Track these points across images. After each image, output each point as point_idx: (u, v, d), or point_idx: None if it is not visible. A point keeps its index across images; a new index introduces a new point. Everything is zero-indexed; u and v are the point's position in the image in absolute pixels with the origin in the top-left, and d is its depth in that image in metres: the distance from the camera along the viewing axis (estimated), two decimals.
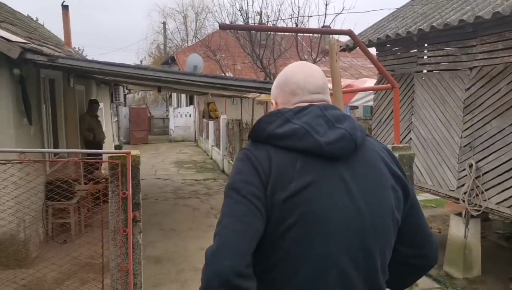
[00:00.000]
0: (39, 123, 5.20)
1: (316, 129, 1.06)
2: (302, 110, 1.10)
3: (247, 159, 1.07)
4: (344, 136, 1.06)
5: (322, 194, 1.03)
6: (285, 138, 1.05)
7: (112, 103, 14.51)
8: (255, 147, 1.10)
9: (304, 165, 1.04)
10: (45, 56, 3.94)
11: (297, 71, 1.18)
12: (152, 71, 4.29)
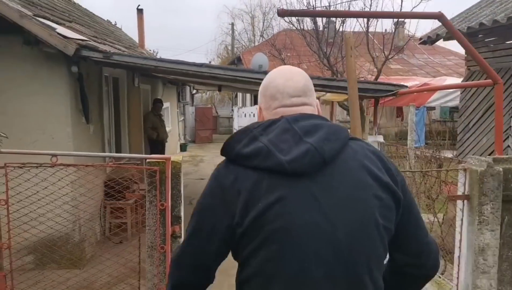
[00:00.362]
0: (99, 122, 5.19)
1: (280, 147, 1.03)
2: (272, 124, 1.08)
3: (216, 185, 1.09)
4: (308, 152, 1.02)
5: (289, 211, 1.01)
6: (251, 158, 1.04)
7: (179, 102, 14.79)
8: (226, 168, 1.10)
9: (270, 183, 1.03)
10: (100, 53, 3.82)
11: (277, 76, 1.17)
12: (207, 68, 3.99)
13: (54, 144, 4.21)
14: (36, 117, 4.14)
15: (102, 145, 5.27)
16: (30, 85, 4.10)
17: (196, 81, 7.09)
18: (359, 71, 11.94)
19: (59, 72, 4.12)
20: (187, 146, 15.17)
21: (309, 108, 1.14)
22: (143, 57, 3.84)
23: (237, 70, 4.06)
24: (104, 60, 3.87)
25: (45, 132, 4.18)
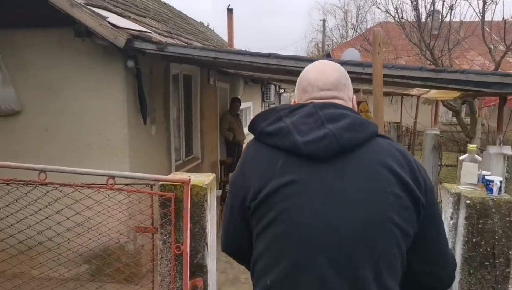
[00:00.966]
0: (164, 122, 4.79)
1: (300, 128, 1.04)
2: (299, 108, 1.10)
3: (241, 160, 1.13)
4: (326, 136, 1.02)
5: (299, 193, 1.01)
6: (271, 136, 1.07)
7: (263, 102, 14.32)
8: (252, 145, 1.14)
9: (286, 163, 1.04)
10: (154, 44, 3.33)
11: (311, 69, 1.18)
12: (276, 59, 3.25)
13: (110, 147, 3.86)
14: (92, 117, 3.83)
15: (167, 148, 4.87)
16: (86, 82, 3.79)
17: (272, 78, 6.40)
18: (470, 65, 10.14)
19: (116, 68, 3.75)
20: None
21: (340, 101, 1.13)
22: (200, 48, 3.26)
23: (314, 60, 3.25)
24: (158, 52, 3.37)
25: (101, 133, 3.85)
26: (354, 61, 3.32)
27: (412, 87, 5.03)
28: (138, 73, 3.84)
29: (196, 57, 3.35)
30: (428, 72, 3.17)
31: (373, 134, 1.06)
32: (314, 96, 1.12)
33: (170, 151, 4.97)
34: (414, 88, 5.26)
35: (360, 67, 3.21)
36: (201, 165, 6.38)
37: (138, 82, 3.85)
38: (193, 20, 11.80)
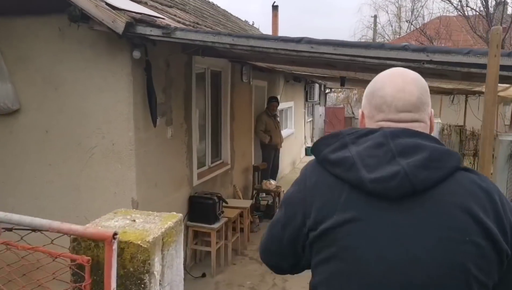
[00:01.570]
0: (185, 124, 4.19)
1: (366, 161, 0.94)
2: (367, 134, 0.99)
3: (301, 182, 1.04)
4: (397, 175, 0.90)
5: (363, 233, 0.92)
6: (335, 165, 0.98)
7: (306, 102, 13.49)
8: (312, 168, 1.05)
9: (350, 198, 0.95)
10: (159, 29, 2.72)
11: (387, 83, 1.03)
12: (308, 44, 2.51)
13: (115, 153, 3.31)
14: (96, 117, 3.30)
15: (187, 153, 4.27)
16: (90, 77, 3.27)
17: (310, 73, 5.60)
18: None
19: (121, 60, 3.19)
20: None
21: (419, 125, 1.01)
22: (213, 33, 2.59)
23: (361, 45, 2.46)
24: (165, 39, 2.76)
25: (105, 136, 3.31)
26: (415, 46, 2.49)
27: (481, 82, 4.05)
28: (147, 66, 3.26)
29: (209, 44, 2.69)
30: None
31: (451, 170, 0.92)
32: (391, 118, 1.01)
33: (191, 156, 4.37)
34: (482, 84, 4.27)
35: (423, 53, 2.39)
36: (230, 171, 5.74)
37: (147, 77, 3.27)
38: (237, 18, 11.28)
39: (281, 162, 8.58)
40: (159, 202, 3.73)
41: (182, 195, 4.19)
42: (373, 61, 2.52)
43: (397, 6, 27.45)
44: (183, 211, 4.21)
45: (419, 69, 3.61)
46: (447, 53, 2.42)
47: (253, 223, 5.70)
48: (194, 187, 4.46)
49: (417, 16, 25.85)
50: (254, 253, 4.95)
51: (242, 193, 6.22)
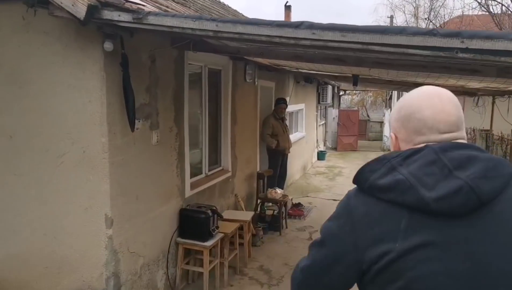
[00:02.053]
0: (175, 128, 3.71)
1: (424, 181, 0.89)
2: (414, 154, 0.94)
3: (346, 214, 0.98)
4: (461, 190, 0.86)
5: (434, 259, 0.86)
6: (387, 191, 0.92)
7: (318, 104, 12.92)
8: (357, 198, 0.99)
9: (410, 223, 0.89)
10: (129, 14, 2.24)
11: (424, 105, 0.99)
12: (309, 30, 1.99)
13: (86, 161, 2.85)
14: (65, 120, 2.85)
15: (178, 160, 3.79)
16: (58, 74, 2.82)
17: (317, 71, 5.03)
18: None
19: (91, 54, 2.73)
20: (326, 154, 13.16)
21: (462, 140, 1.00)
22: (195, 17, 2.10)
23: (376, 30, 1.92)
24: (136, 25, 2.28)
25: (74, 142, 2.85)
26: (445, 30, 1.95)
27: None
28: (124, 60, 2.79)
29: (189, 31, 2.19)
30: None
31: (509, 177, 0.91)
32: (434, 139, 0.97)
33: (183, 164, 3.88)
34: None
35: (457, 38, 1.84)
36: (231, 179, 5.24)
37: (124, 73, 2.80)
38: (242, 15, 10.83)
39: (290, 168, 8.05)
40: (142, 218, 3.25)
41: (171, 209, 3.70)
42: (391, 50, 1.98)
43: (414, 6, 26.69)
44: (172, 227, 3.73)
45: (448, 63, 3.04)
46: (488, 38, 1.87)
47: (256, 235, 5.18)
48: (187, 198, 3.97)
49: (436, 15, 25.07)
50: (255, 271, 4.43)
51: (245, 203, 5.72)
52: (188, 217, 3.74)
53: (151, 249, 3.42)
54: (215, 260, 3.93)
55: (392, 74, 4.20)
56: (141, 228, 3.25)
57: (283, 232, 5.70)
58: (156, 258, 3.51)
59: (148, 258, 3.38)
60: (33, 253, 3.04)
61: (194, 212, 3.76)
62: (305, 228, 5.96)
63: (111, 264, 2.93)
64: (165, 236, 3.63)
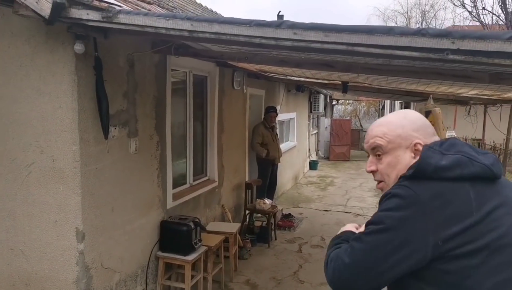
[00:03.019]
0: (156, 136, 3.54)
1: (474, 155, 1.10)
2: (443, 144, 1.17)
3: (409, 199, 1.05)
4: (496, 160, 1.13)
5: (505, 216, 1.06)
6: (453, 168, 1.08)
7: (310, 113, 12.82)
8: (417, 183, 1.08)
9: (477, 193, 1.06)
10: (98, 12, 2.08)
11: (422, 117, 1.28)
12: (291, 29, 1.85)
13: (56, 171, 2.66)
14: (34, 127, 2.67)
15: (159, 170, 3.61)
16: (25, 77, 2.65)
17: (304, 78, 4.89)
18: None
19: (62, 56, 2.57)
20: (318, 164, 13.02)
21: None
22: (168, 16, 1.95)
23: (361, 30, 1.78)
24: (106, 24, 2.13)
25: (44, 150, 2.67)
26: (435, 30, 1.82)
27: None
28: (97, 64, 2.63)
29: (163, 31, 2.04)
30: None
31: None
32: (433, 140, 1.22)
33: (164, 174, 3.70)
34: None
35: (447, 39, 1.71)
36: (218, 189, 5.06)
37: (97, 77, 2.64)
38: None
39: (281, 178, 7.89)
40: (118, 231, 3.06)
41: (151, 221, 3.51)
42: (378, 51, 1.84)
43: (406, 16, 26.90)
44: (152, 240, 3.53)
45: (440, 69, 2.91)
46: (480, 38, 1.73)
47: (243, 248, 4.99)
48: (169, 210, 3.79)
49: (428, 26, 25.25)
50: (241, 286, 4.23)
51: (233, 214, 5.53)
52: (169, 229, 3.55)
53: (128, 264, 3.22)
54: (198, 274, 3.73)
55: (381, 80, 4.08)
56: (117, 241, 3.06)
57: (272, 244, 5.51)
58: (134, 274, 3.31)
59: (125, 273, 3.18)
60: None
61: (176, 224, 3.57)
62: (295, 239, 5.78)
63: (83, 281, 2.72)
64: (144, 250, 3.44)
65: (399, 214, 1.05)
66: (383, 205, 1.11)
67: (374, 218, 1.11)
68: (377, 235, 1.07)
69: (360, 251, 1.09)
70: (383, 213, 1.08)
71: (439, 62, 2.25)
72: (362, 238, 1.10)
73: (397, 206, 1.06)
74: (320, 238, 5.88)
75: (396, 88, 4.86)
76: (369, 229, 1.10)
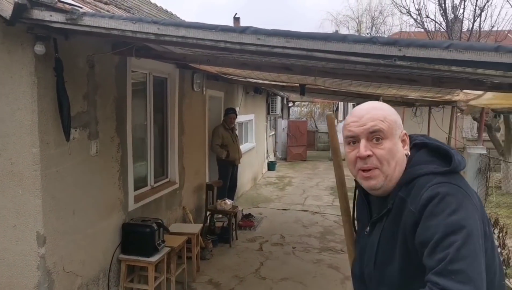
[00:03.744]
0: (117, 138, 3.52)
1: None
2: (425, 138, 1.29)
3: (464, 194, 1.09)
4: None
5: None
6: (463, 162, 1.16)
7: (268, 115, 13.06)
8: (458, 178, 1.14)
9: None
10: (61, 14, 2.08)
11: None
12: (254, 35, 1.97)
13: (15, 174, 2.60)
14: None
15: (120, 172, 3.59)
16: None
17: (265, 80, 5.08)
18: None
19: (21, 57, 2.51)
20: (276, 164, 13.28)
21: None
22: (135, 19, 1.99)
23: (319, 37, 1.94)
24: (70, 26, 2.13)
25: (1, 153, 2.60)
26: (385, 38, 2.01)
27: (460, 88, 3.68)
28: (58, 65, 2.60)
29: (129, 34, 2.08)
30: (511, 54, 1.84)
31: None
32: None
33: (126, 176, 3.69)
34: (461, 90, 3.91)
35: (395, 46, 1.90)
36: (179, 191, 5.08)
37: (58, 78, 2.61)
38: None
39: (240, 179, 8.00)
40: (79, 234, 3.02)
41: (113, 223, 3.48)
42: (334, 57, 2.01)
43: (357, 22, 28.05)
44: (114, 243, 3.51)
45: (388, 73, 3.16)
46: (423, 46, 1.94)
47: (205, 249, 5.04)
48: (130, 212, 3.77)
49: (376, 32, 26.47)
50: (204, 286, 4.29)
51: (194, 215, 5.56)
52: (132, 231, 3.54)
53: (90, 267, 3.18)
54: (161, 276, 3.75)
55: (336, 83, 4.32)
56: (79, 245, 3.02)
57: (233, 244, 5.60)
58: (96, 277, 3.27)
59: (87, 277, 3.14)
60: None
61: (138, 226, 3.57)
62: (256, 238, 5.91)
63: (44, 286, 2.67)
64: (106, 253, 3.40)
65: (468, 214, 1.05)
66: (439, 208, 1.05)
67: (441, 227, 1.03)
68: (469, 245, 1.02)
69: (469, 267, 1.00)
70: (453, 218, 1.03)
71: (388, 67, 2.47)
72: (458, 256, 1.00)
73: (458, 207, 1.04)
74: (280, 236, 6.05)
75: (349, 91, 5.15)
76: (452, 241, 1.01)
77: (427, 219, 1.05)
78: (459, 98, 4.23)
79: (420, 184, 1.11)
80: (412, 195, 1.12)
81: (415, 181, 1.13)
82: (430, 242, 1.03)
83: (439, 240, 1.01)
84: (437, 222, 1.03)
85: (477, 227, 1.04)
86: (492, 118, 9.86)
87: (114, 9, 4.09)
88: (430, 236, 1.03)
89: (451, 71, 2.01)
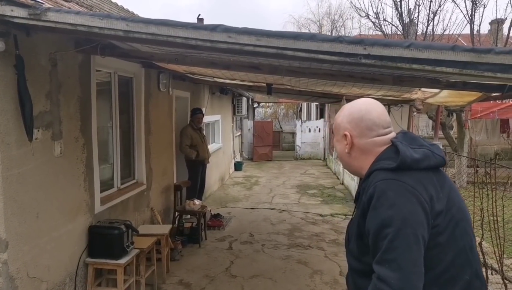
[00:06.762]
0: (82, 138, 3.42)
1: (431, 148, 1.33)
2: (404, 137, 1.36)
3: (402, 188, 1.20)
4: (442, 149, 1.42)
5: (454, 198, 1.29)
6: (423, 160, 1.27)
7: (234, 115, 13.08)
8: (403, 174, 1.23)
9: (437, 178, 1.28)
10: (24, 9, 2.01)
11: (370, 109, 1.39)
12: (225, 33, 1.99)
13: None
14: None
15: (87, 174, 3.49)
16: None
17: (235, 84, 5.10)
18: None
19: None
20: (243, 164, 13.32)
21: (394, 133, 1.41)
22: (103, 15, 1.95)
23: (289, 35, 1.99)
24: (33, 22, 2.06)
25: None
26: (351, 38, 2.10)
27: (417, 88, 3.88)
28: (19, 63, 2.50)
29: (96, 30, 2.04)
30: (466, 53, 1.97)
31: None
32: (380, 132, 1.36)
33: (91, 177, 3.59)
34: (418, 89, 4.12)
35: (360, 45, 1.99)
36: (146, 192, 5.00)
37: (19, 76, 2.51)
38: None
39: (208, 179, 7.96)
40: (44, 238, 2.91)
41: (78, 226, 3.38)
42: (303, 55, 2.07)
43: (318, 25, 28.66)
44: (80, 246, 3.41)
45: (352, 72, 3.28)
46: (386, 46, 2.05)
47: (174, 250, 4.98)
48: (97, 214, 3.67)
49: (337, 34, 27.16)
50: (174, 287, 4.24)
51: (163, 216, 5.49)
52: (99, 234, 3.45)
53: (56, 272, 3.07)
54: (130, 278, 3.68)
55: (303, 83, 4.42)
56: (44, 249, 2.91)
57: (203, 244, 5.58)
58: (62, 282, 3.16)
59: (53, 282, 3.03)
60: None
61: (106, 228, 3.48)
62: (225, 238, 5.91)
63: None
64: (72, 256, 3.30)
65: (402, 207, 1.16)
66: (379, 203, 1.19)
67: (379, 220, 1.18)
68: (403, 238, 1.14)
69: (399, 256, 1.14)
70: (389, 213, 1.16)
71: (353, 66, 2.56)
72: (391, 247, 1.14)
73: (393, 202, 1.17)
74: (249, 234, 6.09)
75: (314, 90, 5.27)
76: (387, 233, 1.15)
77: (370, 211, 1.21)
78: (417, 96, 4.47)
79: (371, 178, 1.28)
80: (366, 187, 1.28)
81: (371, 175, 1.30)
82: (371, 232, 1.21)
83: (377, 231, 1.18)
84: (377, 215, 1.19)
85: (415, 220, 1.15)
86: (446, 116, 10.42)
87: (75, 6, 3.97)
88: (371, 227, 1.20)
89: (412, 69, 2.13)
